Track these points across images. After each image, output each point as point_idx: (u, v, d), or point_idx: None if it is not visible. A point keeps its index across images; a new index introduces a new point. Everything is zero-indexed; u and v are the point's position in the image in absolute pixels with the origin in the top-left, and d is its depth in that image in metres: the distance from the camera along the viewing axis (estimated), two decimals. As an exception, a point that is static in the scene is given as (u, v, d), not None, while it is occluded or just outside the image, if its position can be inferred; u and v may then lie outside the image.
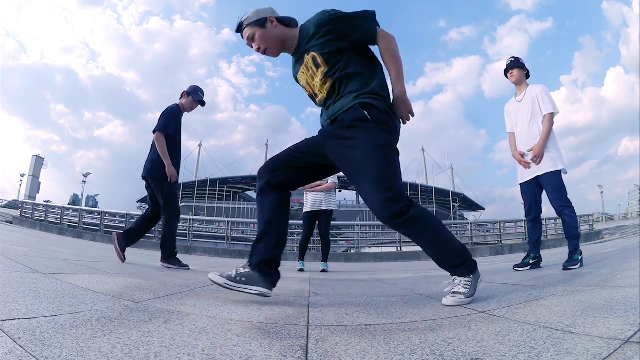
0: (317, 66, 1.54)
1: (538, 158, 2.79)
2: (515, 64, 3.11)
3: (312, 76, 1.58)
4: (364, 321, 1.23)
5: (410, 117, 1.60)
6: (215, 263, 4.98)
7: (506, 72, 3.15)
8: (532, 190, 2.89)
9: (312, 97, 1.69)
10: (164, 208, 3.11)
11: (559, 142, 2.87)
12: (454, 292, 1.51)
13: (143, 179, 3.21)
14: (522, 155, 2.92)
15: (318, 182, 4.02)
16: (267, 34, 1.62)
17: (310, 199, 4.07)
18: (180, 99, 3.31)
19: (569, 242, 2.65)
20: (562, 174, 2.74)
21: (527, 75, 3.11)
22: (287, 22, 1.66)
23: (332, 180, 4.06)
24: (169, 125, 3.11)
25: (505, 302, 1.51)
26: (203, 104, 3.30)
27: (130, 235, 3.17)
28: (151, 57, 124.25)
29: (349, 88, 1.51)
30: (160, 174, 3.07)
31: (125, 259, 3.08)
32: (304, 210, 4.14)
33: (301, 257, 4.11)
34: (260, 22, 1.62)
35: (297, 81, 1.71)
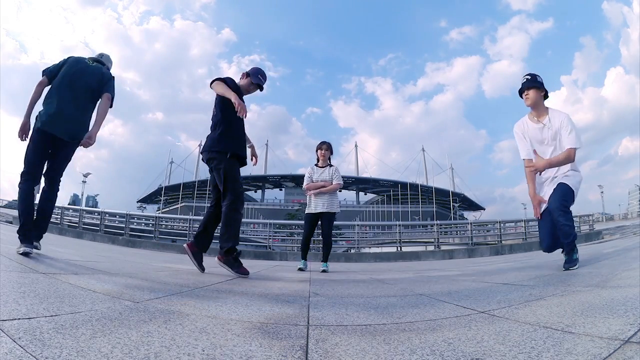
0: None
1: (539, 169, 2.63)
2: (532, 83, 2.66)
3: None
4: (364, 321, 1.23)
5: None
6: (215, 263, 4.98)
7: (521, 92, 2.71)
8: (552, 221, 2.63)
9: None
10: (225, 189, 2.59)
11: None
12: None
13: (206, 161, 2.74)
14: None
15: (322, 183, 4.00)
16: None
17: (313, 201, 4.04)
18: (240, 79, 2.96)
19: (565, 245, 2.57)
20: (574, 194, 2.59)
21: (545, 96, 2.69)
22: None
23: (336, 181, 4.01)
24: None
25: (505, 302, 1.51)
26: (261, 88, 2.92)
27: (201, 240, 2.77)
28: (151, 57, 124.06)
29: None
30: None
31: (204, 269, 2.74)
32: (307, 211, 4.12)
33: (303, 256, 4.11)
34: None
35: None
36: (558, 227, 2.58)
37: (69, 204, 11.93)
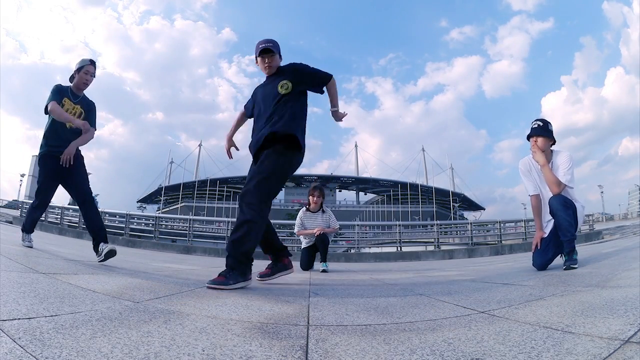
0: None
1: (535, 157, 2.64)
2: (542, 132, 2.64)
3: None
4: (364, 321, 1.23)
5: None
6: (215, 263, 4.99)
7: (529, 137, 2.71)
8: (552, 247, 2.66)
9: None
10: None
11: (562, 140, 2.70)
12: None
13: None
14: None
15: (312, 231, 4.03)
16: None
17: (308, 236, 4.10)
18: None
19: (565, 244, 2.52)
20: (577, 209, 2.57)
21: (553, 143, 2.69)
22: None
23: (334, 225, 4.14)
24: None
25: (505, 302, 1.51)
26: (268, 51, 2.24)
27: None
28: (151, 57, 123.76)
29: None
30: None
31: None
32: (303, 247, 4.18)
33: (311, 266, 4.14)
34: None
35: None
36: (558, 222, 2.52)
37: (68, 204, 11.91)
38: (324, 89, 2.29)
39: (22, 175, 50.21)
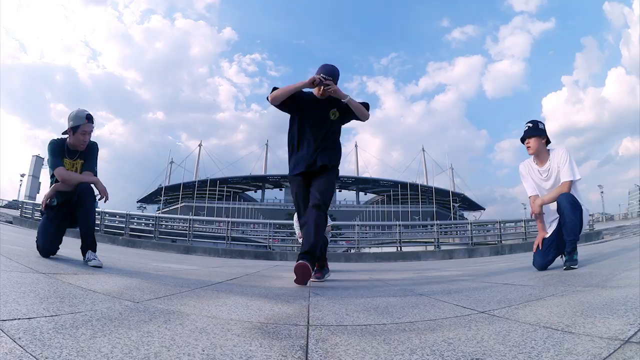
0: None
1: (535, 212, 2.68)
2: (533, 132, 2.68)
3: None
4: (364, 321, 1.23)
5: None
6: (215, 263, 4.99)
7: (522, 140, 2.74)
8: (553, 249, 2.66)
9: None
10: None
11: (563, 140, 2.68)
12: None
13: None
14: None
15: None
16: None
17: None
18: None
19: (567, 243, 2.53)
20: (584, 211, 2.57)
21: (547, 142, 2.71)
22: None
23: (329, 224, 4.28)
24: None
25: (505, 302, 1.51)
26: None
27: None
28: (152, 56, 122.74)
29: None
30: None
31: None
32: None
33: None
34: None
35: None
36: (564, 221, 2.53)
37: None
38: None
39: (22, 175, 50.17)
